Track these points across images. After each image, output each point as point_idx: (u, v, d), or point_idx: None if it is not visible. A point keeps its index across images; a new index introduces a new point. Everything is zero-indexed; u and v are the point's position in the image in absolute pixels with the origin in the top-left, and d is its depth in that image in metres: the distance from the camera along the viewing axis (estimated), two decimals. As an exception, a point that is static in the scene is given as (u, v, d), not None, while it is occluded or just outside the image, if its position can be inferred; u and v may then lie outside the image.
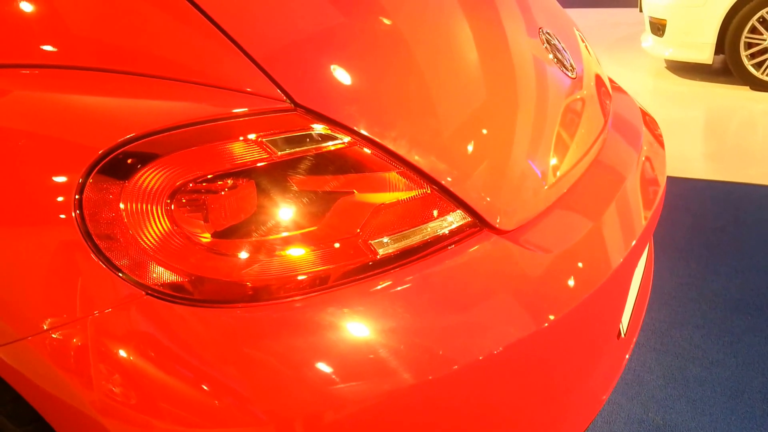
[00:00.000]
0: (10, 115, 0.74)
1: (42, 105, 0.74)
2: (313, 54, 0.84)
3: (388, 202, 0.79)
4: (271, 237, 0.73)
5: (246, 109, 0.76)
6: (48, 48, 0.77)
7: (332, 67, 0.84)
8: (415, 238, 0.80)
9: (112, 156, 0.70)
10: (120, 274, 0.69)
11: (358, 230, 0.76)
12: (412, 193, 0.81)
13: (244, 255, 0.72)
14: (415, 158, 0.82)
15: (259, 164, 0.73)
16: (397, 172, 0.80)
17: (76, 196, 0.69)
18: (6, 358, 0.71)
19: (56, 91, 0.76)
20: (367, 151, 0.79)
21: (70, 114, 0.74)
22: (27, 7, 0.80)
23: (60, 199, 0.69)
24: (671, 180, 2.80)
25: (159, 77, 0.76)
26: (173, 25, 0.79)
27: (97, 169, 0.69)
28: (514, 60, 1.08)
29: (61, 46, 0.77)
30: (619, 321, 1.08)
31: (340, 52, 0.87)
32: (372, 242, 0.77)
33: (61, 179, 0.70)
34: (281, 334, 0.70)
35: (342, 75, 0.85)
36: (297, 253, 0.74)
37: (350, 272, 0.76)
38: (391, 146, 0.80)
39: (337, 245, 0.75)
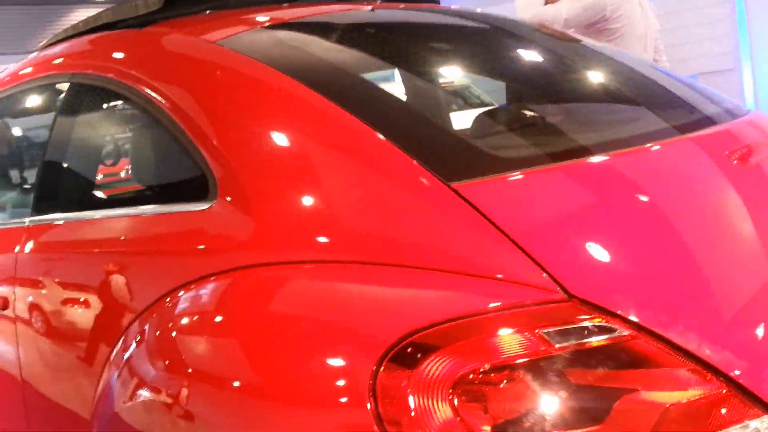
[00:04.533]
0: (302, 306, 0.85)
1: (330, 296, 0.84)
2: (585, 241, 0.84)
3: (678, 402, 0.72)
4: None
5: (521, 301, 0.77)
6: (325, 243, 0.88)
7: (605, 254, 0.84)
8: (715, 447, 0.70)
9: (401, 345, 0.74)
10: None
11: (648, 435, 0.70)
12: (706, 393, 0.73)
13: None
14: (706, 352, 0.74)
15: (535, 357, 0.73)
16: (686, 369, 0.73)
17: (370, 382, 0.74)
18: None
19: (340, 282, 0.86)
20: (650, 344, 0.74)
21: (359, 304, 0.83)
22: (308, 206, 0.92)
23: (347, 383, 0.75)
24: None
25: (433, 269, 0.82)
26: (442, 218, 0.86)
27: (389, 357, 0.74)
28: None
29: (338, 242, 0.87)
30: None
31: (612, 238, 0.86)
32: (665, 449, 0.70)
33: (354, 365, 0.76)
34: None
35: (616, 262, 0.83)
36: None
37: None
38: (676, 339, 0.74)
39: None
